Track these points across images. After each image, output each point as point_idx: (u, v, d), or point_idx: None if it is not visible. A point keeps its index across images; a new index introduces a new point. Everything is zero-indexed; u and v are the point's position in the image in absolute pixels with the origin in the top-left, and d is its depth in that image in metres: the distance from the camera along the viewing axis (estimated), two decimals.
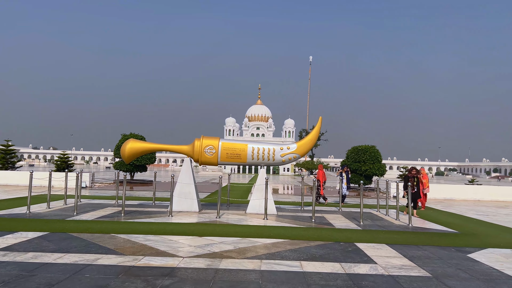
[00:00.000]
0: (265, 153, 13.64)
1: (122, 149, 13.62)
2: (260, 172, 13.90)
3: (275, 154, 13.68)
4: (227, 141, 13.86)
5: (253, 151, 13.63)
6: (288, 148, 13.79)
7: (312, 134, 13.97)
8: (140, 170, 29.89)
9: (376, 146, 29.19)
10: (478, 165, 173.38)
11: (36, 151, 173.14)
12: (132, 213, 12.61)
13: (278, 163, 13.85)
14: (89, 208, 13.56)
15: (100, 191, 21.32)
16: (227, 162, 13.73)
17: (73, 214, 12.03)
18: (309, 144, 13.90)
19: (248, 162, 13.71)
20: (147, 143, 13.98)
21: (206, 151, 13.54)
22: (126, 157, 13.59)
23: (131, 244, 7.94)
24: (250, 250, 7.73)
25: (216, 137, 13.93)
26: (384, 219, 13.18)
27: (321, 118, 14.11)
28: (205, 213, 13.17)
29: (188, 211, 13.39)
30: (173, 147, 13.96)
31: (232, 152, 13.62)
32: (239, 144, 13.72)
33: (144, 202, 15.98)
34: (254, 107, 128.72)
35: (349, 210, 15.65)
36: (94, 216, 11.78)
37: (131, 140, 13.74)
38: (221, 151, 13.60)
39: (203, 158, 13.56)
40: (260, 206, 13.45)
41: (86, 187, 23.39)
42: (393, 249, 8.27)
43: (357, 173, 28.64)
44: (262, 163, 13.78)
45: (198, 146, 13.56)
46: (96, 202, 15.50)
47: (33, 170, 14.69)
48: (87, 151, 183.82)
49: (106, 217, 11.69)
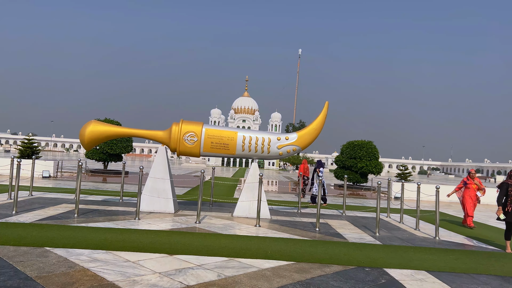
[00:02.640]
0: (259, 143, 11.13)
1: (81, 132, 10.92)
2: (251, 166, 11.38)
3: (271, 145, 11.18)
4: (213, 127, 11.29)
5: (244, 140, 11.09)
6: (287, 138, 11.30)
7: (316, 122, 11.50)
8: (115, 159, 27.01)
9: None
10: (461, 165, 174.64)
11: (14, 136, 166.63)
12: (90, 213, 9.97)
13: (274, 156, 11.37)
14: (37, 205, 10.85)
15: (64, 182, 18.50)
16: (211, 153, 11.18)
17: (11, 213, 9.33)
18: (312, 134, 11.43)
19: (237, 154, 11.19)
20: (112, 126, 11.30)
21: (186, 139, 10.95)
22: (86, 142, 10.89)
23: (65, 269, 5.35)
24: (242, 284, 5.23)
25: (199, 122, 11.35)
26: (401, 228, 10.85)
27: (327, 103, 11.65)
28: (182, 215, 10.62)
29: (161, 212, 10.82)
30: (144, 132, 11.32)
31: (218, 141, 11.06)
32: (227, 132, 11.16)
33: (110, 198, 13.31)
34: (240, 99, 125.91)
35: (353, 214, 13.30)
36: (37, 216, 9.10)
37: (92, 122, 11.03)
38: (205, 139, 11.03)
39: (182, 147, 10.97)
40: (250, 208, 10.96)
41: (50, 177, 20.51)
42: (443, 282, 5.88)
43: (352, 170, 26.42)
44: (254, 156, 11.28)
45: (176, 132, 10.96)
46: (50, 197, 12.77)
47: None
48: (68, 139, 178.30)
49: (53, 218, 9.03)
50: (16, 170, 9.81)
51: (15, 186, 9.68)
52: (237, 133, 11.14)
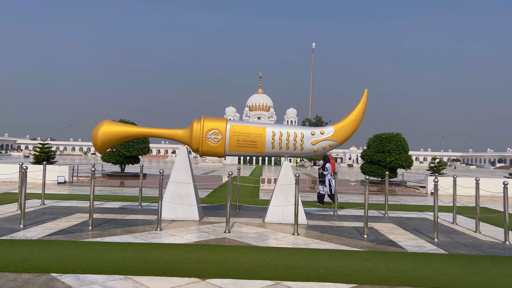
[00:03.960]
0: (290, 139, 9.86)
1: (93, 134, 9.83)
2: (283, 165, 10.13)
3: (304, 141, 9.90)
4: (239, 123, 10.08)
5: (274, 136, 9.85)
6: (322, 132, 10.00)
7: (355, 112, 10.16)
8: (132, 162, 26.10)
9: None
10: (482, 155, 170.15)
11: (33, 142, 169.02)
12: (106, 224, 8.88)
13: (308, 153, 10.09)
14: (49, 216, 9.83)
15: (80, 188, 17.59)
16: (237, 152, 9.96)
17: (18, 227, 8.31)
18: (351, 127, 10.10)
19: (266, 152, 9.95)
20: (127, 126, 10.19)
21: (209, 137, 9.77)
22: (99, 145, 9.81)
23: None
24: None
25: (223, 118, 10.16)
26: (459, 231, 9.45)
27: (367, 91, 10.30)
28: (208, 223, 9.45)
29: (185, 219, 9.67)
30: (163, 132, 10.17)
31: (245, 139, 9.84)
32: (254, 128, 9.93)
33: (128, 205, 12.25)
34: (255, 96, 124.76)
35: (396, 215, 11.94)
36: (46, 230, 8.04)
37: (105, 122, 9.93)
38: (230, 137, 9.82)
39: (205, 146, 9.79)
40: (284, 213, 9.72)
41: (65, 183, 19.65)
42: None
43: (381, 165, 24.89)
44: (285, 154, 10.03)
45: (197, 130, 9.79)
46: (64, 205, 11.76)
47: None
48: (85, 142, 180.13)
49: (64, 232, 7.95)
50: (22, 177, 8.77)
51: (22, 195, 8.65)
52: (265, 129, 9.90)
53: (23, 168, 8.76)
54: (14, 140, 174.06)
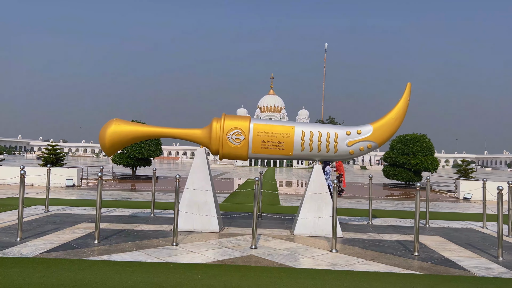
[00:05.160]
0: (323, 140, 8.66)
1: (101, 135, 8.78)
2: (314, 170, 8.94)
3: (338, 141, 8.69)
4: (264, 122, 8.92)
5: (304, 137, 8.66)
6: (359, 132, 8.78)
7: (397, 110, 8.92)
8: (143, 164, 25.13)
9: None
10: (497, 157, 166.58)
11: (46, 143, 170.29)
12: (114, 237, 7.79)
13: (343, 156, 8.88)
14: (51, 226, 8.78)
15: (89, 192, 16.61)
16: (262, 154, 8.80)
17: (15, 240, 7.26)
18: (392, 126, 8.87)
19: (295, 155, 8.77)
20: (139, 125, 9.10)
21: (231, 138, 8.63)
22: (107, 146, 8.74)
23: None
24: None
25: (245, 116, 9.02)
26: None
27: (410, 85, 9.06)
28: (229, 235, 8.30)
29: (203, 231, 8.55)
30: (178, 132, 9.06)
31: (270, 139, 8.67)
32: (281, 127, 8.76)
33: (139, 212, 11.18)
34: (266, 97, 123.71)
35: (439, 225, 10.66)
36: (46, 245, 6.97)
37: (114, 121, 8.86)
38: (254, 137, 8.67)
39: (225, 148, 8.66)
40: (316, 225, 8.52)
41: (74, 186, 18.71)
42: None
43: (405, 167, 23.52)
44: (316, 157, 8.84)
45: (217, 130, 8.66)
46: (69, 212, 10.73)
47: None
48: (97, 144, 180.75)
49: (66, 247, 6.88)
50: (20, 183, 7.72)
51: (20, 204, 7.60)
52: (294, 128, 8.72)
53: (21, 173, 7.71)
54: (27, 142, 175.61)
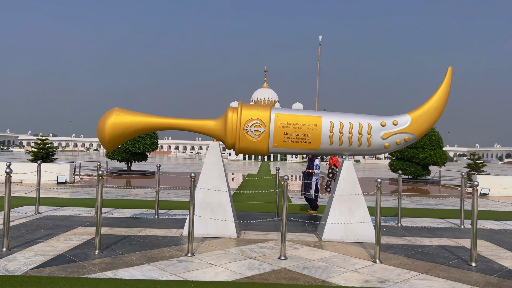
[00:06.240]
0: (354, 132, 7.60)
1: (100, 126, 7.61)
2: (344, 166, 7.86)
3: (372, 134, 7.63)
4: (286, 111, 7.82)
5: (333, 128, 7.59)
6: (395, 123, 7.73)
7: (437, 98, 7.87)
8: (139, 159, 23.89)
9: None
10: (489, 151, 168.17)
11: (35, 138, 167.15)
12: (117, 245, 6.68)
13: (377, 150, 7.84)
14: (43, 231, 7.63)
15: (83, 190, 15.40)
16: (284, 148, 7.72)
17: (0, 251, 6.12)
18: (432, 115, 7.82)
19: (322, 149, 7.70)
20: (144, 115, 7.91)
21: (249, 130, 7.53)
22: (107, 140, 7.58)
23: None
24: None
25: (265, 105, 7.91)
26: None
27: (451, 69, 8.01)
28: (249, 241, 7.23)
29: (218, 236, 7.47)
30: (189, 123, 7.91)
31: (294, 132, 7.59)
32: (307, 117, 7.67)
33: (141, 213, 10.05)
34: (260, 90, 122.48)
35: None
36: (38, 257, 5.84)
37: (115, 110, 7.69)
38: (275, 129, 7.58)
39: (243, 141, 7.56)
40: (347, 229, 7.48)
41: (66, 183, 17.46)
42: None
43: (413, 161, 22.63)
44: (346, 151, 7.78)
45: (233, 121, 7.56)
46: (63, 214, 9.56)
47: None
48: (88, 138, 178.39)
49: (62, 260, 5.75)
50: (6, 183, 6.55)
51: (5, 207, 6.44)
52: (321, 118, 7.64)
53: (6, 172, 6.52)
54: (16, 136, 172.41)
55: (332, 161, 16.79)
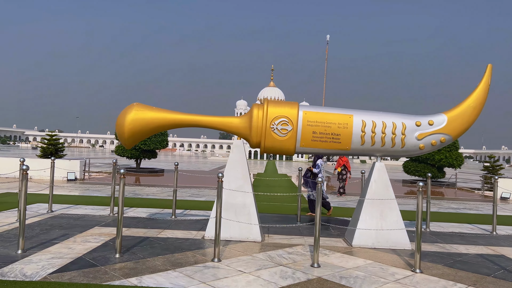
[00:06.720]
0: (387, 132, 7.17)
1: (119, 122, 7.24)
2: (375, 168, 7.44)
3: (406, 134, 7.21)
4: (315, 109, 7.41)
5: (364, 128, 7.17)
6: (431, 123, 7.29)
7: (475, 96, 7.42)
8: (148, 156, 23.58)
9: None
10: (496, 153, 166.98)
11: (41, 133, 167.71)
12: (137, 248, 6.32)
13: (412, 152, 7.42)
14: (57, 231, 7.28)
15: (93, 187, 15.08)
16: (313, 148, 7.31)
17: (15, 253, 5.77)
18: (470, 115, 7.37)
19: (353, 149, 7.28)
20: (164, 111, 7.52)
21: (275, 128, 7.12)
22: (126, 137, 7.21)
23: None
24: None
25: (292, 103, 7.49)
26: None
27: (490, 67, 7.57)
28: (276, 247, 6.84)
29: (242, 240, 7.09)
30: (213, 120, 7.52)
31: (323, 131, 7.17)
32: (337, 115, 7.25)
33: (157, 212, 9.71)
34: (266, 89, 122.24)
35: (505, 232, 9.24)
36: (56, 260, 5.48)
37: (135, 106, 7.31)
38: (303, 127, 7.17)
39: (269, 140, 7.15)
40: (379, 235, 7.06)
41: (76, 180, 17.16)
42: None
43: (428, 163, 22.14)
44: (378, 152, 7.36)
45: (259, 119, 7.15)
46: (76, 213, 9.22)
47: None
48: (93, 134, 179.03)
49: (82, 263, 5.39)
50: (22, 180, 6.19)
51: (21, 206, 6.08)
52: (353, 117, 7.22)
53: (22, 169, 6.16)
54: (22, 132, 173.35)
55: (341, 162, 16.21)
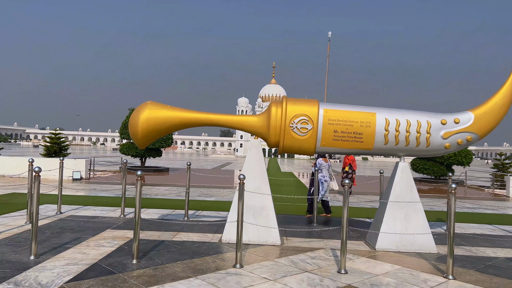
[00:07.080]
0: (412, 130, 6.89)
1: (132, 122, 6.96)
2: (399, 168, 7.16)
3: (431, 132, 6.92)
4: (336, 107, 7.11)
5: (388, 126, 6.89)
6: (457, 121, 7.00)
7: (502, 94, 7.11)
8: (153, 155, 23.32)
9: None
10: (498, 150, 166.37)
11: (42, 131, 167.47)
12: (154, 253, 6.06)
13: (437, 151, 7.13)
14: (70, 235, 7.01)
15: (100, 187, 14.82)
16: (334, 148, 7.04)
17: (28, 259, 5.50)
18: (497, 113, 7.08)
19: (375, 148, 7.00)
20: (178, 109, 7.22)
21: (295, 127, 6.84)
22: (140, 136, 6.93)
23: None
24: None
25: (312, 100, 7.21)
26: None
27: None
28: (297, 250, 6.57)
29: (261, 243, 6.82)
30: (230, 119, 7.24)
31: (345, 130, 6.89)
32: (359, 114, 6.96)
33: (168, 214, 9.45)
34: (268, 86, 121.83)
35: None
36: (71, 266, 5.22)
37: (148, 104, 7.03)
38: (324, 126, 6.89)
39: (288, 139, 6.88)
40: (403, 238, 6.79)
41: (81, 179, 16.90)
42: None
43: (437, 161, 21.86)
44: (402, 151, 7.08)
45: (278, 117, 6.87)
46: (86, 214, 8.96)
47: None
48: (94, 132, 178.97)
49: (98, 270, 5.12)
50: (33, 183, 5.90)
51: (34, 210, 5.80)
52: (375, 115, 6.94)
53: (35, 170, 5.87)
54: (23, 130, 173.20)
55: (347, 161, 15.81)
